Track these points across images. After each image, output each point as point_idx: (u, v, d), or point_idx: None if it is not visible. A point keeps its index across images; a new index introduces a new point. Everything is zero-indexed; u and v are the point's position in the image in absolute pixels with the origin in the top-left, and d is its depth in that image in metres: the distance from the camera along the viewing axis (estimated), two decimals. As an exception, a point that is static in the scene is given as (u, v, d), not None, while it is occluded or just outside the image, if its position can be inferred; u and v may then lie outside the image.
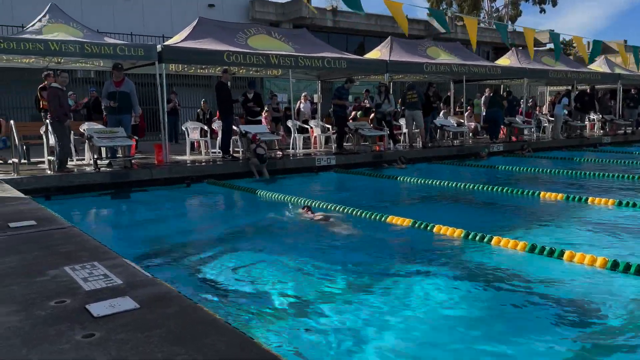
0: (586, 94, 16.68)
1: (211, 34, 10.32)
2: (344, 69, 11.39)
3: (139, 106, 9.54)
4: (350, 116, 13.28)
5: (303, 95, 14.79)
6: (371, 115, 13.32)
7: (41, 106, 10.20)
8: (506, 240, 4.68)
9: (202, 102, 13.51)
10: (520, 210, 6.79)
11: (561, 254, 4.29)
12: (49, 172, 8.23)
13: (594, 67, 18.48)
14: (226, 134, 10.17)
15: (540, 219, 6.14)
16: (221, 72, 10.37)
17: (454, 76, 14.68)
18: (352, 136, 12.41)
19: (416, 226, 5.43)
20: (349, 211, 6.24)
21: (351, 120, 13.24)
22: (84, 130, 9.17)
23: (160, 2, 19.48)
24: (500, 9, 37.46)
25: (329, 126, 12.86)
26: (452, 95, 16.03)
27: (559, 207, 6.68)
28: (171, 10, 19.55)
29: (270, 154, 10.00)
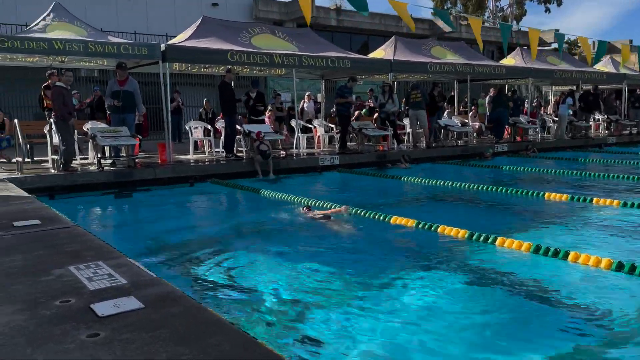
0: (590, 94, 16.62)
1: (215, 33, 10.33)
2: (347, 68, 11.38)
3: (143, 105, 9.57)
4: (354, 116, 13.26)
5: (307, 94, 14.79)
6: (375, 115, 13.30)
7: (45, 105, 10.24)
8: (511, 241, 4.67)
9: (205, 102, 13.53)
10: (525, 210, 6.78)
11: (566, 255, 4.28)
12: (52, 171, 8.26)
13: (599, 67, 18.41)
14: (229, 133, 10.19)
15: (544, 219, 6.12)
16: (225, 71, 10.39)
17: (459, 76, 14.64)
18: (355, 136, 12.40)
19: (420, 226, 5.42)
20: (352, 211, 6.24)
21: (354, 119, 13.23)
22: (87, 129, 9.22)
23: (164, 1, 19.52)
24: (505, 8, 37.37)
25: (332, 126, 12.86)
26: (456, 95, 15.99)
27: (564, 208, 6.66)
28: (175, 9, 19.59)
29: (274, 153, 10.00)
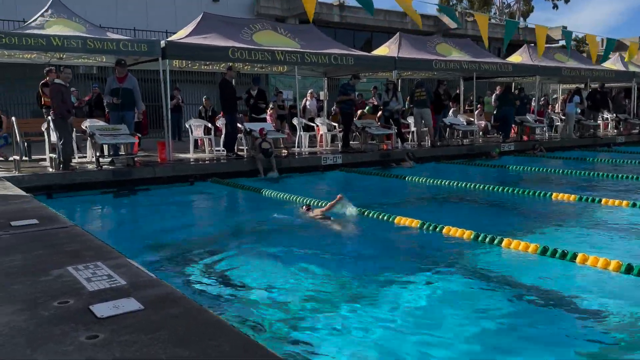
0: (597, 92, 16.58)
1: (216, 30, 10.34)
2: (351, 65, 11.39)
3: (142, 103, 9.58)
4: (356, 115, 13.26)
5: (309, 92, 14.80)
6: (379, 113, 13.30)
7: (43, 103, 10.27)
8: (517, 242, 4.67)
9: (204, 99, 13.54)
10: (532, 211, 6.77)
11: (574, 256, 4.27)
12: (50, 169, 8.29)
13: (608, 64, 18.35)
14: (230, 131, 10.20)
15: (552, 220, 6.11)
16: (225, 68, 10.40)
17: (464, 73, 14.62)
18: (359, 134, 12.41)
19: (425, 227, 5.43)
20: (356, 211, 6.24)
21: (357, 118, 13.23)
22: (86, 127, 9.23)
23: (164, -4, 19.54)
24: (512, 5, 37.27)
25: (335, 124, 12.86)
26: (461, 93, 15.98)
27: (572, 209, 6.65)
28: (175, 5, 19.61)
29: (276, 152, 10.01)
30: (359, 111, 13.89)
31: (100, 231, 5.37)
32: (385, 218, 5.88)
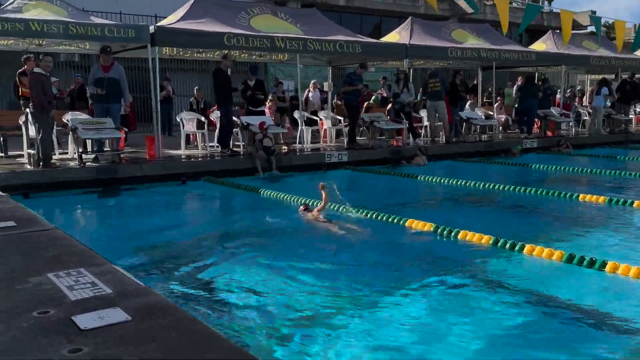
0: (627, 83, 16.50)
1: (210, 14, 10.36)
2: (358, 53, 11.38)
3: (129, 94, 9.60)
4: (363, 109, 13.26)
5: (312, 82, 14.80)
6: (388, 106, 13.29)
7: (20, 93, 10.29)
8: (540, 249, 4.66)
9: (196, 90, 13.56)
10: (557, 214, 6.76)
11: (603, 265, 4.26)
12: (28, 167, 8.32)
13: (640, 53, 18.29)
14: (225, 126, 10.22)
15: (579, 225, 6.10)
16: (220, 56, 10.41)
17: (483, 62, 14.59)
18: (366, 129, 12.40)
19: (438, 232, 5.43)
20: (362, 214, 6.25)
21: (364, 111, 13.22)
22: (67, 120, 9.26)
23: (153, -23, 19.56)
24: (535, -13, 37.13)
25: (340, 118, 12.86)
26: (479, 84, 15.95)
27: (601, 212, 6.63)
28: (165, -14, 19.63)
29: (275, 148, 10.01)
30: (365, 103, 13.88)
31: (83, 235, 5.39)
32: (394, 221, 5.88)
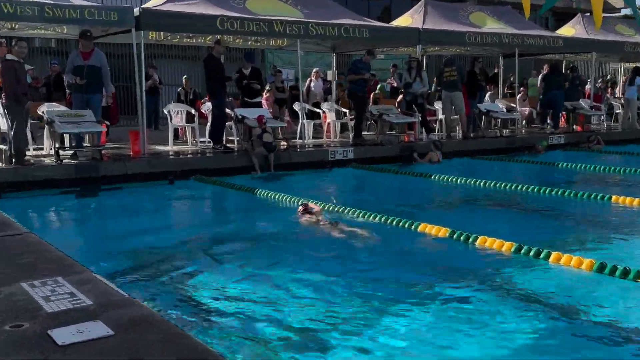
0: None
1: (201, -5, 10.37)
2: (365, 39, 11.37)
3: (112, 84, 9.61)
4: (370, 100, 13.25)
5: (314, 71, 14.79)
6: (399, 98, 13.28)
7: (-9, 83, 10.31)
8: (568, 257, 4.65)
9: (184, 79, 13.57)
10: (586, 219, 6.75)
11: (638, 275, 4.25)
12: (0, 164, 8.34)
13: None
14: (218, 119, 10.22)
15: (611, 230, 6.08)
16: (213, 42, 10.41)
17: (504, 49, 14.56)
18: (374, 123, 12.39)
19: (455, 237, 5.42)
20: (370, 217, 6.25)
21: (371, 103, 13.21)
22: (43, 112, 9.27)
23: (138, -46, 19.60)
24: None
25: (345, 110, 12.86)
26: (500, 73, 15.93)
27: (636, 216, 6.62)
28: (151, -36, 19.66)
29: (276, 144, 10.00)
30: (371, 94, 13.86)
31: (60, 240, 5.36)
32: (406, 225, 5.88)
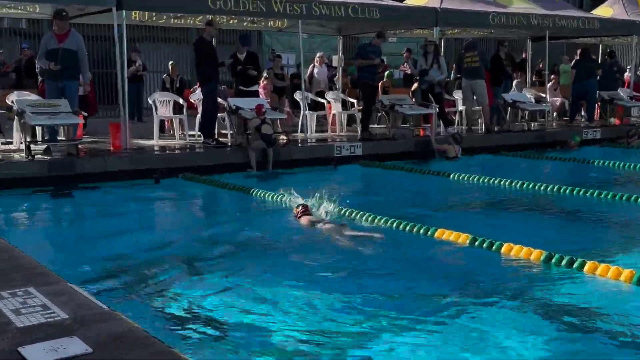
0: None
1: (190, -30, 10.36)
2: (375, 19, 11.36)
3: (89, 71, 9.61)
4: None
5: (317, 56, 14.78)
6: (413, 86, 13.27)
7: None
8: (606, 267, 4.63)
9: (171, 65, 13.58)
10: (625, 224, 6.72)
11: (684, 287, 4.24)
12: (-36, 160, 8.37)
13: None
14: (209, 110, 10.22)
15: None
16: (204, 23, 10.40)
17: (533, 31, 14.53)
18: (385, 115, 12.38)
19: (476, 245, 5.41)
20: (380, 221, 6.24)
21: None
22: (12, 102, 9.28)
23: None
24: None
25: (353, 100, 12.85)
26: (529, 59, 15.90)
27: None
28: None
29: (275, 137, 9.98)
30: (379, 82, 13.85)
31: (32, 245, 5.39)
32: (421, 231, 5.86)
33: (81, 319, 2.52)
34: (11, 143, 9.85)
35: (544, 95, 14.74)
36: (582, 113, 15.09)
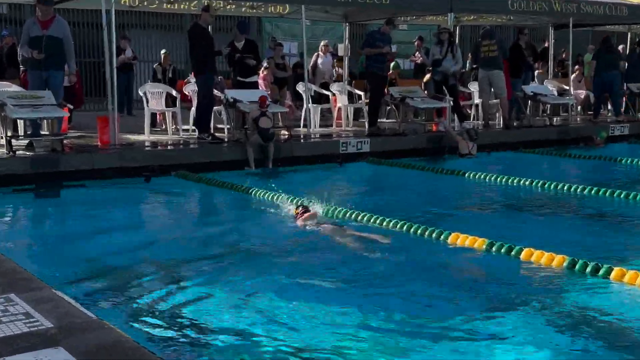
0: None
1: (185, -49, 10.40)
2: (384, 5, 11.36)
3: (75, 60, 9.63)
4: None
5: (322, 45, 14.79)
6: (426, 77, 13.27)
7: None
8: (634, 274, 4.61)
9: (163, 54, 13.59)
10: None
11: None
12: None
13: None
14: (204, 102, 10.22)
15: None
16: (199, 9, 10.41)
17: (555, 18, 14.51)
18: (395, 109, 12.37)
19: (494, 250, 5.40)
20: (389, 224, 6.24)
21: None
22: (-8, 93, 9.31)
23: None
24: None
25: (360, 93, 12.85)
26: (551, 48, 15.87)
27: None
28: None
29: (274, 132, 9.98)
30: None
31: (12, 248, 5.42)
32: (433, 235, 5.86)
33: (67, 328, 2.52)
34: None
35: (567, 88, 14.72)
36: (609, 107, 15.05)
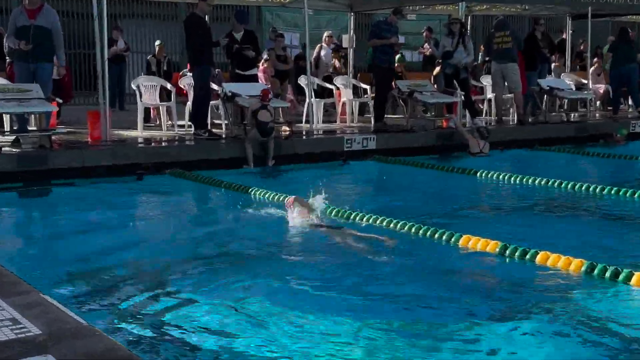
0: None
1: (180, -64, 10.40)
2: (392, -7, 11.39)
3: (64, 51, 9.64)
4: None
5: (325, 36, 14.79)
6: (435, 70, 13.26)
7: None
8: (656, 279, 4.63)
9: (157, 46, 13.60)
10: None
11: None
12: None
13: None
14: (201, 96, 10.23)
15: None
16: (195, -3, 10.43)
17: (573, 8, 14.50)
18: (402, 103, 12.37)
19: (507, 253, 5.39)
20: (396, 225, 6.25)
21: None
22: (-23, 87, 9.32)
23: None
24: None
25: (365, 87, 12.85)
26: (568, 40, 15.86)
27: None
28: None
29: (273, 127, 9.99)
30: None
31: (-1, 250, 5.44)
32: (443, 237, 5.86)
33: (56, 334, 2.53)
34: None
35: (585, 82, 14.70)
36: (630, 102, 15.03)
